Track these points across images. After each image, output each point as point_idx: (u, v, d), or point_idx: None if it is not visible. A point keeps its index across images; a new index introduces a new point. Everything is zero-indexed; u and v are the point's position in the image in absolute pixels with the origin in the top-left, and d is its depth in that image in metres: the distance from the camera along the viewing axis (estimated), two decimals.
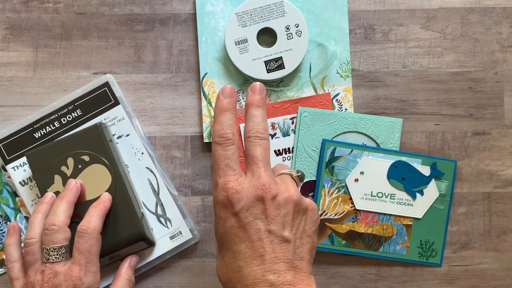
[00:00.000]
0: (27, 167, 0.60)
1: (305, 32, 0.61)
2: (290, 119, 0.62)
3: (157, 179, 0.61)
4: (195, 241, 0.61)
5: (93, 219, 0.52)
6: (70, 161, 0.57)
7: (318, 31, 0.62)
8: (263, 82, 0.62)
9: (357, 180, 0.61)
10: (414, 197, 0.61)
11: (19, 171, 0.60)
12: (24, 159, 0.60)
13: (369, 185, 0.61)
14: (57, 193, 0.56)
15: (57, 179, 0.56)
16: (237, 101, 0.62)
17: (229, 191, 0.45)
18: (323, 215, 0.61)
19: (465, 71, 0.64)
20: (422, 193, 0.62)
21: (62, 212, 0.52)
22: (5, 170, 0.61)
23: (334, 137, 0.61)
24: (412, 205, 0.61)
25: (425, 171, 0.62)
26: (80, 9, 0.63)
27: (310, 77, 0.62)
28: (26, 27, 0.63)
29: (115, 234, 0.55)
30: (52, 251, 0.51)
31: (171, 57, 0.63)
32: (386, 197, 0.61)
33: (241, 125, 0.61)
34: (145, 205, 0.61)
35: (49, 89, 0.63)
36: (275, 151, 0.62)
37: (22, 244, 0.56)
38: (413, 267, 0.63)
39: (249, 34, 0.61)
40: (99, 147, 0.57)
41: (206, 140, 0.62)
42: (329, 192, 0.61)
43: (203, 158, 0.63)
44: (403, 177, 0.61)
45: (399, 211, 0.61)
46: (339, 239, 0.61)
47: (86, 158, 0.57)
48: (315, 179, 0.61)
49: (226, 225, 0.46)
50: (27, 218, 0.61)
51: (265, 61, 0.61)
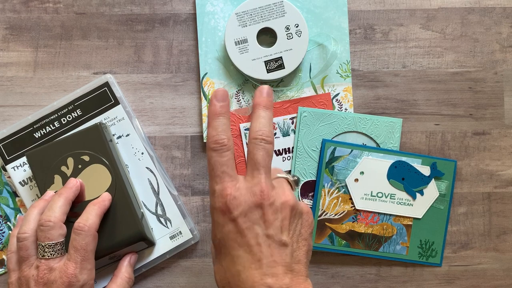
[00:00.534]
0: (27, 167, 0.60)
1: (305, 32, 0.61)
2: (290, 119, 0.62)
3: (157, 179, 0.61)
4: (195, 241, 0.61)
5: (90, 217, 0.52)
6: (70, 161, 0.57)
7: (318, 31, 0.62)
8: (263, 82, 0.62)
9: (357, 180, 0.61)
10: (414, 197, 0.61)
11: (19, 171, 0.60)
12: (24, 159, 0.60)
13: (369, 185, 0.61)
14: None
15: (57, 179, 0.56)
16: (237, 101, 0.62)
17: (227, 197, 0.45)
18: (323, 215, 0.61)
19: (465, 71, 0.64)
20: (422, 193, 0.62)
21: (58, 208, 0.52)
22: (5, 170, 0.61)
23: (334, 137, 0.61)
24: (412, 205, 0.61)
25: (425, 171, 0.62)
26: (80, 9, 0.63)
27: (310, 77, 0.62)
28: (26, 27, 0.63)
29: (115, 234, 0.55)
30: (47, 248, 0.51)
31: (171, 57, 0.63)
32: (386, 197, 0.61)
33: (241, 125, 0.61)
34: (145, 205, 0.61)
35: (49, 89, 0.63)
36: (275, 151, 0.62)
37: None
38: (413, 267, 0.63)
39: (249, 34, 0.61)
40: (99, 147, 0.57)
41: (206, 140, 0.62)
42: (329, 192, 0.61)
43: (203, 158, 0.63)
44: (403, 177, 0.61)
45: (399, 211, 0.61)
46: (339, 239, 0.61)
47: (86, 158, 0.57)
48: (315, 179, 0.61)
49: (224, 231, 0.46)
50: None
51: (265, 61, 0.61)
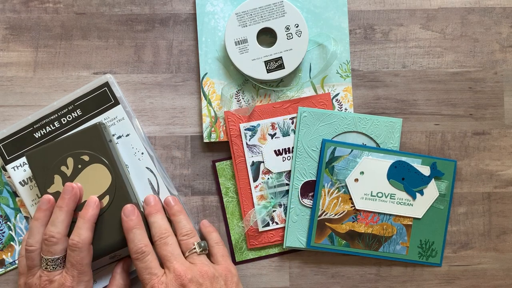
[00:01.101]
0: (27, 167, 0.60)
1: (305, 32, 0.61)
2: (290, 119, 0.62)
3: (157, 179, 0.61)
4: None
5: (82, 232, 0.54)
6: (70, 161, 0.57)
7: (318, 31, 0.62)
8: (263, 82, 0.62)
9: (357, 180, 0.61)
10: (414, 197, 0.61)
11: (19, 171, 0.60)
12: (24, 159, 0.60)
13: (369, 185, 0.61)
14: (57, 193, 0.56)
15: (57, 179, 0.56)
16: (238, 101, 0.62)
17: None
18: (323, 215, 0.61)
19: (465, 71, 0.64)
20: (422, 193, 0.62)
21: (61, 222, 0.54)
22: (5, 170, 0.61)
23: (334, 137, 0.61)
24: (412, 205, 0.61)
25: (425, 171, 0.62)
26: (80, 9, 0.63)
27: (310, 77, 0.62)
28: (26, 27, 0.63)
29: (115, 233, 0.55)
30: (49, 262, 0.53)
31: (171, 57, 0.63)
32: (386, 197, 0.61)
33: (241, 125, 0.61)
34: None
35: (49, 89, 0.63)
36: (275, 151, 0.62)
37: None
38: (413, 267, 0.63)
39: (249, 34, 0.61)
40: (99, 147, 0.57)
41: (206, 140, 0.62)
42: (329, 192, 0.61)
43: (203, 158, 0.63)
44: (403, 177, 0.61)
45: (399, 211, 0.61)
46: (339, 239, 0.61)
47: (86, 158, 0.57)
48: (315, 179, 0.61)
49: None
50: (27, 218, 0.61)
51: (265, 61, 0.61)
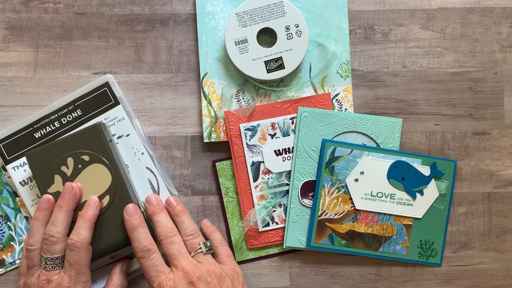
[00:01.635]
0: (27, 167, 0.60)
1: (305, 32, 0.61)
2: (290, 119, 0.62)
3: (157, 179, 0.61)
4: None
5: (81, 232, 0.54)
6: (70, 161, 0.57)
7: (318, 31, 0.62)
8: (263, 82, 0.62)
9: (357, 180, 0.61)
10: (414, 197, 0.61)
11: (19, 171, 0.60)
12: (24, 159, 0.60)
13: (369, 185, 0.61)
14: (57, 193, 0.56)
15: (57, 179, 0.56)
16: (238, 101, 0.62)
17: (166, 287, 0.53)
18: (323, 215, 0.61)
19: (465, 71, 0.64)
20: (422, 193, 0.62)
21: (60, 222, 0.54)
22: (5, 170, 0.61)
23: (334, 137, 0.61)
24: (412, 205, 0.61)
25: (425, 171, 0.62)
26: (80, 9, 0.63)
27: (310, 77, 0.62)
28: (26, 27, 0.63)
29: (115, 233, 0.55)
30: (49, 261, 0.53)
31: (171, 57, 0.63)
32: (386, 197, 0.61)
33: (241, 125, 0.61)
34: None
35: (49, 89, 0.63)
36: (275, 151, 0.62)
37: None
38: (413, 267, 0.63)
39: (249, 34, 0.61)
40: (99, 147, 0.57)
41: (206, 140, 0.62)
42: (329, 192, 0.61)
43: (203, 158, 0.63)
44: (403, 177, 0.61)
45: (399, 211, 0.61)
46: (339, 239, 0.61)
47: (86, 158, 0.57)
48: (315, 179, 0.61)
49: None
50: (27, 218, 0.61)
51: (265, 61, 0.61)
